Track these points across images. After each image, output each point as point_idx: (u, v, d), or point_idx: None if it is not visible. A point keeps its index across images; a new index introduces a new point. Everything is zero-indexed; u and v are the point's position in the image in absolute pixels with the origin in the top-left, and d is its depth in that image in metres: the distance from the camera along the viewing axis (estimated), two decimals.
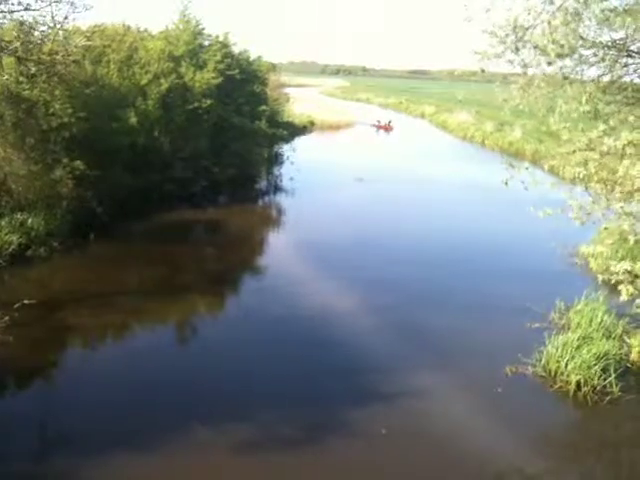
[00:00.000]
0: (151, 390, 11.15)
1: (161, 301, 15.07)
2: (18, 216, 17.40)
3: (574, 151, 7.35)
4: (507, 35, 9.90)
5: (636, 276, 6.61)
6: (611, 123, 7.33)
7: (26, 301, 12.06)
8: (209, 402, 10.85)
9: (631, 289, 6.58)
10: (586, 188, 6.88)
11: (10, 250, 16.37)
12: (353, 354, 13.02)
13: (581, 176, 6.74)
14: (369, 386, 11.64)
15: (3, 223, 16.98)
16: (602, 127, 6.91)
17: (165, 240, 19.98)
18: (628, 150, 6.60)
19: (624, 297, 6.76)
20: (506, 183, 7.46)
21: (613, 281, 7.13)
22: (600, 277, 7.51)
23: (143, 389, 11.16)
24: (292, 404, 10.89)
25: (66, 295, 14.93)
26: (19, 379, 11.51)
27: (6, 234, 16.68)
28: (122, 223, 20.23)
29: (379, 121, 60.76)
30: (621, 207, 6.46)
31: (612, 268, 6.48)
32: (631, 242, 6.41)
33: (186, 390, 11.16)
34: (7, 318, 11.41)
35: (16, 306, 11.64)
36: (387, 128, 59.34)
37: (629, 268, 6.45)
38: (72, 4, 9.58)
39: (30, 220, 17.51)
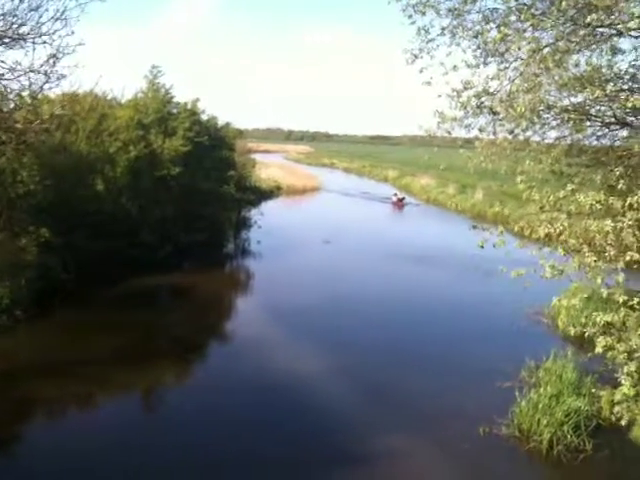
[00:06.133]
0: (117, 466, 10.72)
1: (128, 370, 14.73)
2: None
3: (542, 211, 7.62)
4: (468, 100, 10.38)
5: (612, 326, 6.80)
6: (575, 184, 7.65)
7: None
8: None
9: (609, 340, 6.74)
10: (556, 247, 7.12)
11: None
12: (325, 419, 12.86)
13: (551, 235, 6.99)
14: (344, 451, 11.50)
15: None
16: (570, 187, 7.21)
17: (132, 306, 19.68)
18: (594, 209, 6.89)
19: (598, 349, 6.91)
20: (482, 246, 7.69)
21: (587, 334, 7.30)
22: (572, 330, 7.68)
23: (108, 465, 10.74)
24: (265, 473, 10.67)
25: (30, 365, 14.51)
26: None
27: None
28: (88, 289, 19.94)
29: (396, 194, 55.62)
30: (594, 261, 6.69)
31: (596, 319, 6.64)
32: (604, 295, 6.63)
33: (154, 465, 10.83)
34: None
35: None
36: (400, 205, 53.20)
37: (609, 319, 6.64)
38: (46, 74, 9.72)
39: None
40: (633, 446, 11.69)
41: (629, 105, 8.84)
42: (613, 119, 10.10)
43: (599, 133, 10.65)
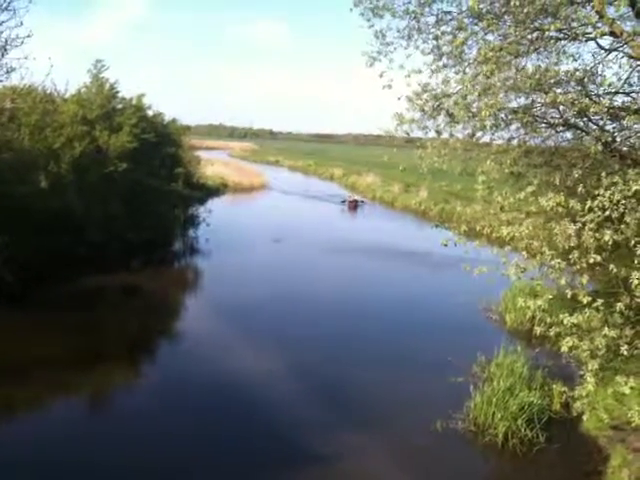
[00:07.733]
0: (65, 465, 10.52)
1: (76, 372, 14.34)
2: None
3: (502, 211, 7.80)
4: (426, 102, 10.57)
5: (577, 327, 7.03)
6: (534, 185, 7.86)
7: None
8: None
9: (575, 341, 6.97)
10: (517, 248, 7.30)
11: None
12: (278, 416, 12.83)
13: (512, 236, 7.16)
14: (298, 449, 11.52)
15: None
16: (530, 189, 7.40)
17: (79, 307, 19.17)
18: (555, 211, 7.09)
19: (565, 348, 7.14)
20: (445, 244, 7.83)
21: (552, 333, 7.53)
22: (538, 330, 7.89)
23: (56, 471, 10.46)
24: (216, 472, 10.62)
25: None
26: None
27: None
28: (34, 290, 19.30)
29: (350, 196, 53.58)
30: (558, 263, 6.90)
31: (564, 321, 6.85)
32: (568, 296, 6.85)
33: (102, 462, 10.62)
34: None
35: None
36: (352, 206, 51.04)
37: (575, 321, 6.86)
38: None
39: None
40: (583, 438, 12.14)
41: (576, 109, 9.17)
42: (560, 121, 10.46)
43: (545, 134, 11.03)
